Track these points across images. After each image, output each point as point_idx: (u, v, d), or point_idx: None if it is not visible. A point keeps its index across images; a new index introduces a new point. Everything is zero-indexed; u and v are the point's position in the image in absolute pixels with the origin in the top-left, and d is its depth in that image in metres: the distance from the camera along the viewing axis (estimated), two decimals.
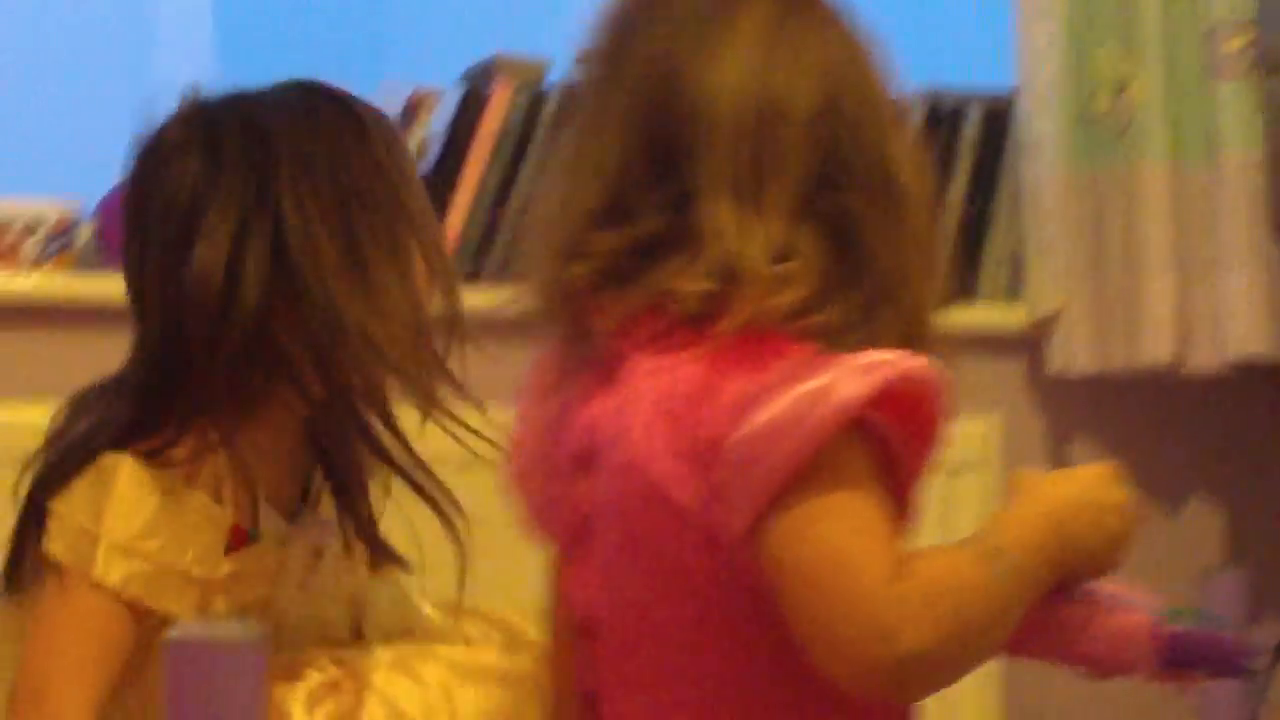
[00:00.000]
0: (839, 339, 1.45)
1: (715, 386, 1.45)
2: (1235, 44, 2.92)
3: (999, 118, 3.01)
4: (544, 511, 1.59)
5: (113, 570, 1.80)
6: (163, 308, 1.83)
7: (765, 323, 1.44)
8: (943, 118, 3.07)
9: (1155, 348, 2.88)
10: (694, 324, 1.45)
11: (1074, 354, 2.95)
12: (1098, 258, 2.96)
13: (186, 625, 1.36)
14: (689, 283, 1.43)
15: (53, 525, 1.83)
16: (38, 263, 2.71)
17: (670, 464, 1.45)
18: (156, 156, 1.88)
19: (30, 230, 2.68)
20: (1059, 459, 3.09)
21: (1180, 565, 2.85)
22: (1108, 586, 1.51)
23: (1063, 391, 3.07)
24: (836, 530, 1.43)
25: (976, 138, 3.05)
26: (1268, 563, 3.04)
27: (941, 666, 1.45)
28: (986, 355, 3.02)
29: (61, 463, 1.87)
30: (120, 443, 1.83)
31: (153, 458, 1.82)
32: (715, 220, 1.43)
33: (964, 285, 3.01)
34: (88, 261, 2.74)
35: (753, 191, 1.46)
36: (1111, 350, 2.94)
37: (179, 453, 1.81)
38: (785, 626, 1.42)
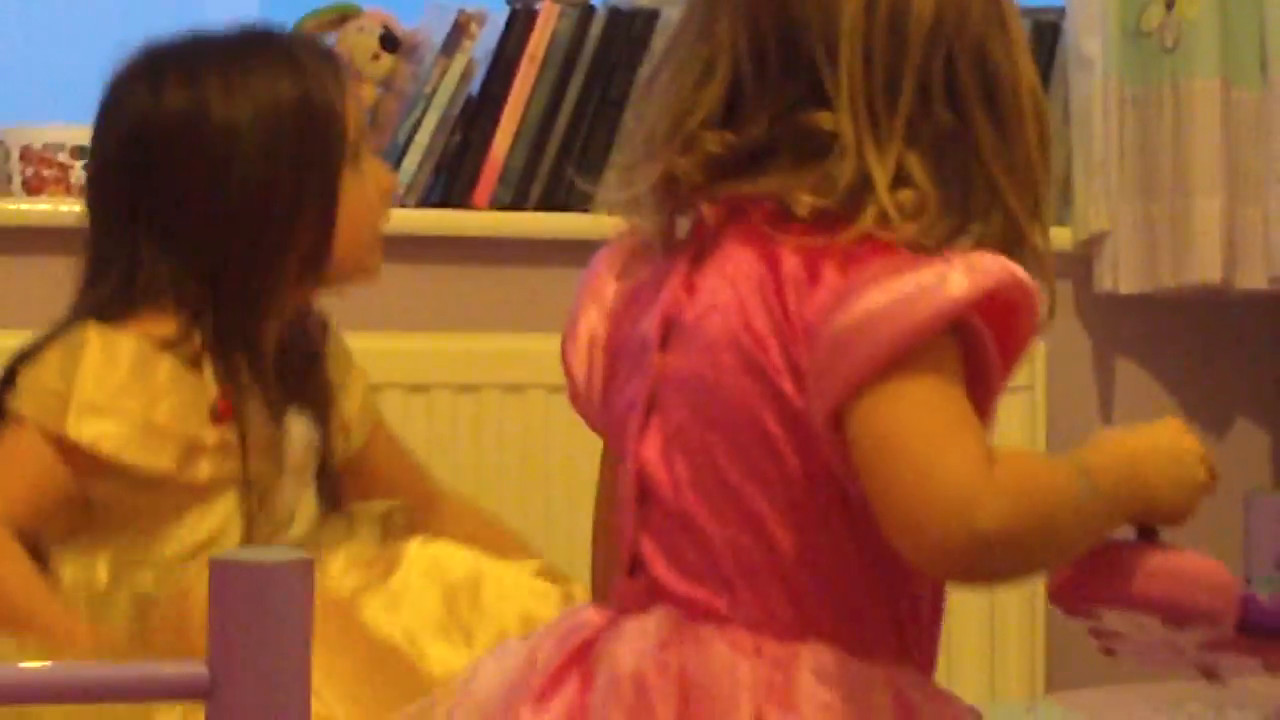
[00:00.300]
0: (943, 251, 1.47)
1: (818, 274, 1.46)
2: None
3: (1046, 33, 3.00)
4: (604, 391, 1.59)
5: (85, 428, 1.96)
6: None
7: (877, 240, 1.44)
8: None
9: (1204, 267, 2.87)
10: (805, 228, 1.45)
11: (1121, 273, 2.95)
12: (1146, 177, 2.96)
13: (234, 550, 1.40)
14: (807, 194, 1.42)
15: (22, 386, 1.98)
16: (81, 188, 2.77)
17: (766, 339, 1.46)
18: (113, 90, 2.12)
19: (75, 151, 2.74)
20: (1105, 379, 3.12)
21: (1224, 487, 2.97)
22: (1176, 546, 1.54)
23: (1110, 311, 3.07)
24: (931, 414, 1.45)
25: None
26: None
27: (1013, 552, 1.45)
28: (1032, 275, 3.02)
29: (38, 339, 2.02)
30: (90, 317, 2.01)
31: (120, 327, 1.99)
32: (841, 134, 1.42)
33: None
34: None
35: (879, 107, 1.45)
36: (1160, 270, 2.94)
37: (149, 327, 1.99)
38: (858, 508, 1.43)
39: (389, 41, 2.86)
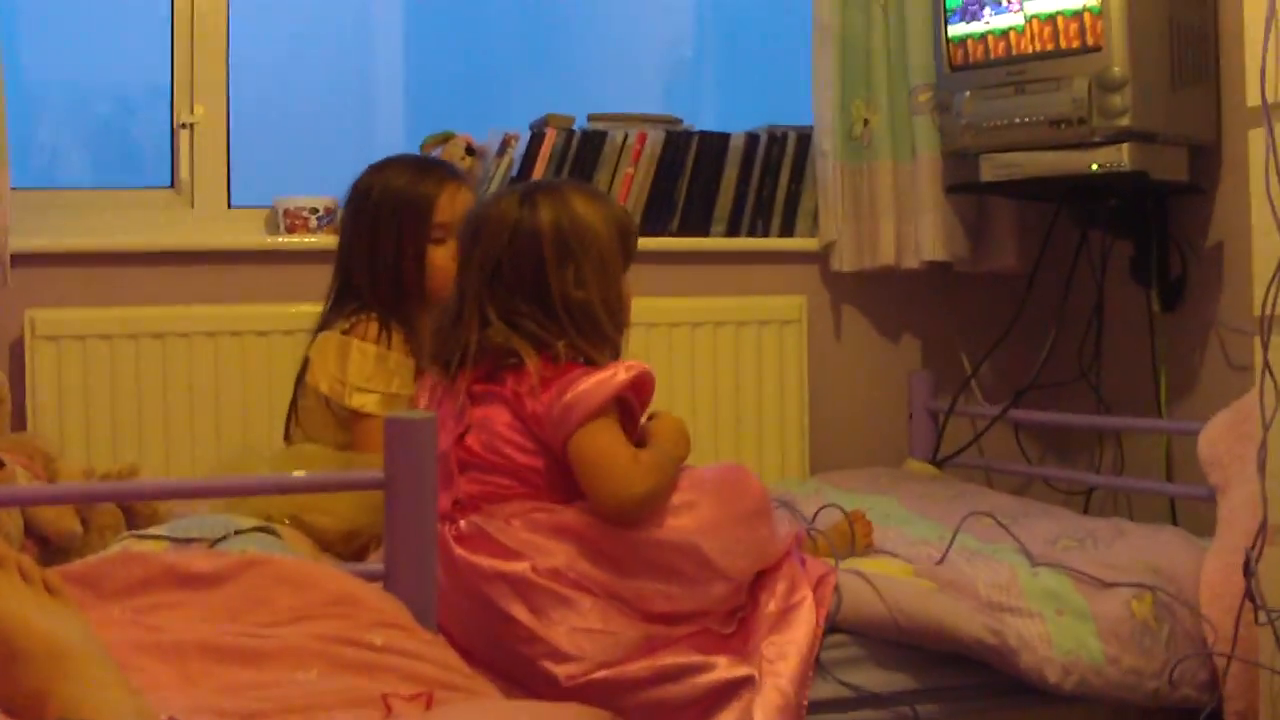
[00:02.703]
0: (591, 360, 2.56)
1: (544, 376, 2.52)
2: (924, 96, 4.08)
3: (805, 139, 4.30)
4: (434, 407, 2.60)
5: (355, 400, 3.10)
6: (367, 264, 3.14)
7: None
8: (775, 139, 4.29)
9: (884, 255, 4.21)
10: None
11: (843, 260, 4.25)
12: (856, 209, 4.24)
13: (400, 413, 2.29)
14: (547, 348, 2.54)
15: (319, 373, 3.12)
16: (315, 230, 3.99)
17: (527, 413, 2.53)
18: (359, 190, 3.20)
19: (314, 212, 3.98)
20: (837, 318, 4.39)
21: (892, 370, 4.42)
22: None
23: (838, 281, 4.36)
24: (606, 440, 2.50)
25: (794, 150, 4.31)
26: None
27: (652, 501, 2.53)
28: (799, 262, 4.33)
29: (317, 342, 3.14)
30: (349, 325, 3.12)
31: (359, 334, 3.09)
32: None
33: (788, 229, 4.31)
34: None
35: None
36: (863, 258, 4.24)
37: (373, 330, 3.09)
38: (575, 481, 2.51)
39: (470, 150, 4.10)
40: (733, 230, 4.34)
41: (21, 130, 4.29)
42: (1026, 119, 3.72)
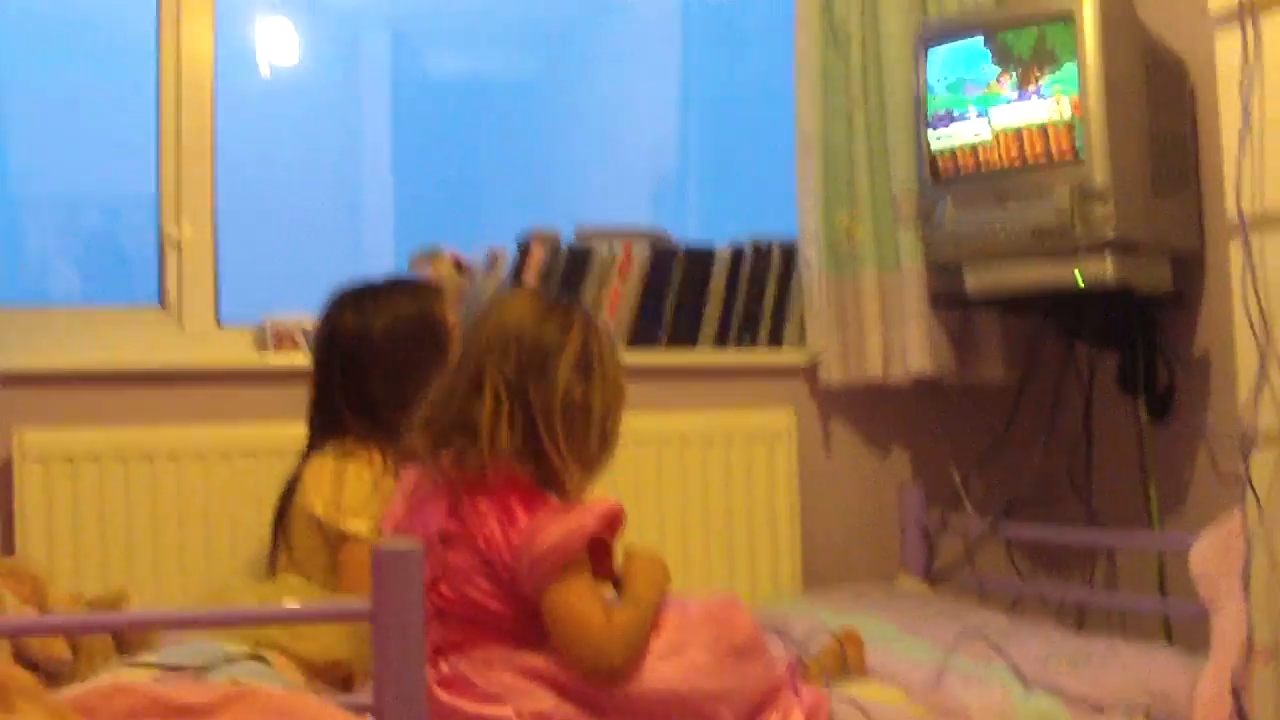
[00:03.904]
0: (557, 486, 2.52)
1: (513, 519, 2.48)
2: (907, 206, 4.08)
3: (791, 251, 4.30)
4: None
5: (350, 523, 3.07)
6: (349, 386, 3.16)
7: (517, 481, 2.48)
8: (761, 251, 4.29)
9: (872, 368, 4.17)
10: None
11: (831, 373, 4.23)
12: (842, 321, 4.21)
13: (386, 541, 2.31)
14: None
15: (313, 496, 3.09)
16: (304, 348, 3.87)
17: (495, 560, 2.47)
18: (324, 312, 3.23)
19: (303, 330, 3.93)
20: (826, 431, 4.37)
21: (882, 483, 4.39)
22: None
23: (827, 394, 4.34)
24: (579, 602, 2.45)
25: (779, 261, 4.31)
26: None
27: (628, 667, 2.46)
28: (787, 376, 4.31)
29: (310, 465, 3.12)
30: (344, 451, 3.12)
31: (348, 456, 3.11)
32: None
33: (776, 339, 4.30)
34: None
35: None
36: (850, 371, 4.22)
37: (377, 459, 3.10)
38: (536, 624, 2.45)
39: (458, 266, 4.08)
40: (720, 343, 4.34)
41: (9, 240, 4.41)
42: (1009, 230, 3.73)
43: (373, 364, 3.21)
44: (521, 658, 2.49)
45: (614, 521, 2.54)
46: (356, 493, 3.10)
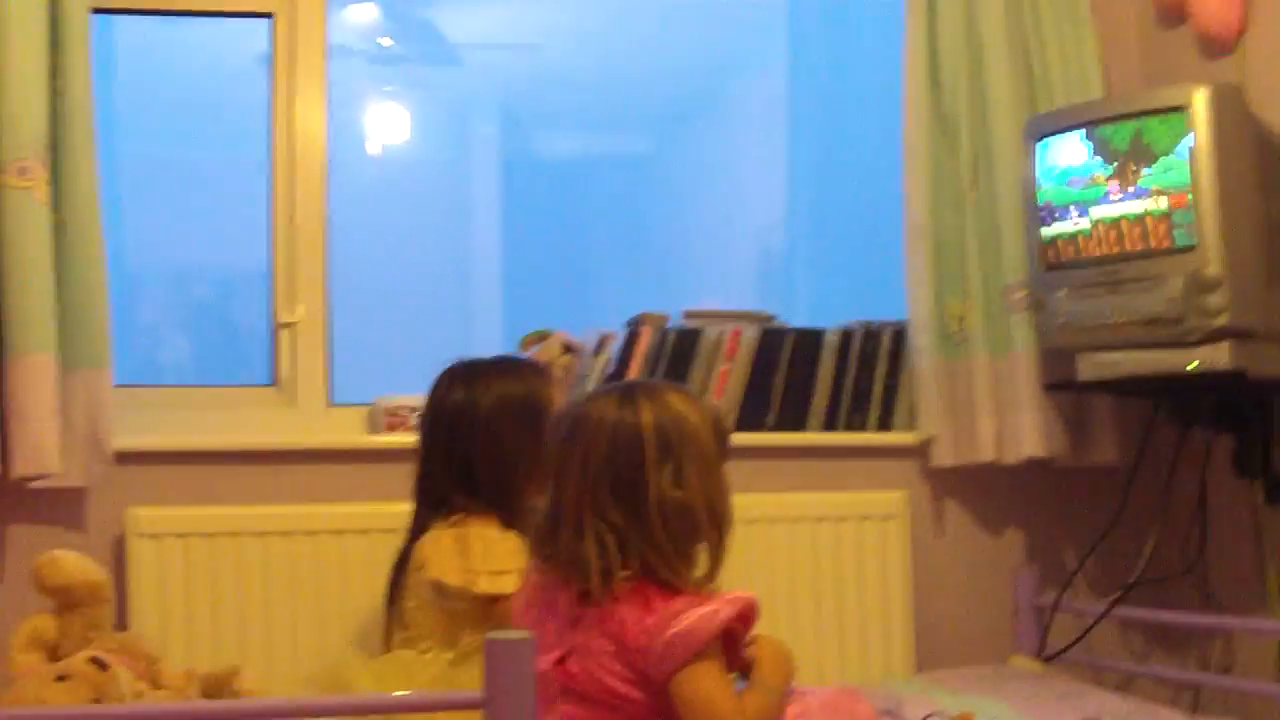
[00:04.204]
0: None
1: (648, 604, 2.46)
2: (1019, 295, 4.07)
3: (900, 333, 4.30)
4: (532, 632, 2.32)
5: (488, 585, 3.06)
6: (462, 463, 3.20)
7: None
8: (870, 334, 4.29)
9: (985, 451, 4.15)
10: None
11: (943, 455, 4.23)
12: (954, 405, 4.22)
13: (497, 632, 2.21)
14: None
15: (442, 568, 3.09)
16: (415, 429, 3.57)
17: (628, 644, 2.44)
18: (433, 388, 3.29)
19: (414, 410, 3.81)
20: (938, 511, 4.36)
21: (996, 566, 4.37)
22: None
23: (938, 475, 4.33)
24: (710, 686, 2.42)
25: (889, 344, 4.30)
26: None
27: None
28: (899, 457, 4.30)
29: (427, 540, 3.14)
30: (458, 520, 3.15)
31: (473, 520, 3.12)
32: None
33: (886, 422, 4.29)
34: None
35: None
36: (962, 453, 4.20)
37: (493, 523, 3.13)
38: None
39: (567, 349, 4.10)
40: (829, 426, 4.32)
41: (123, 314, 4.32)
42: (1122, 319, 3.70)
43: (476, 441, 3.23)
44: None
45: (748, 614, 2.51)
46: (487, 553, 3.12)
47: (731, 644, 2.52)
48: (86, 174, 3.66)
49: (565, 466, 2.57)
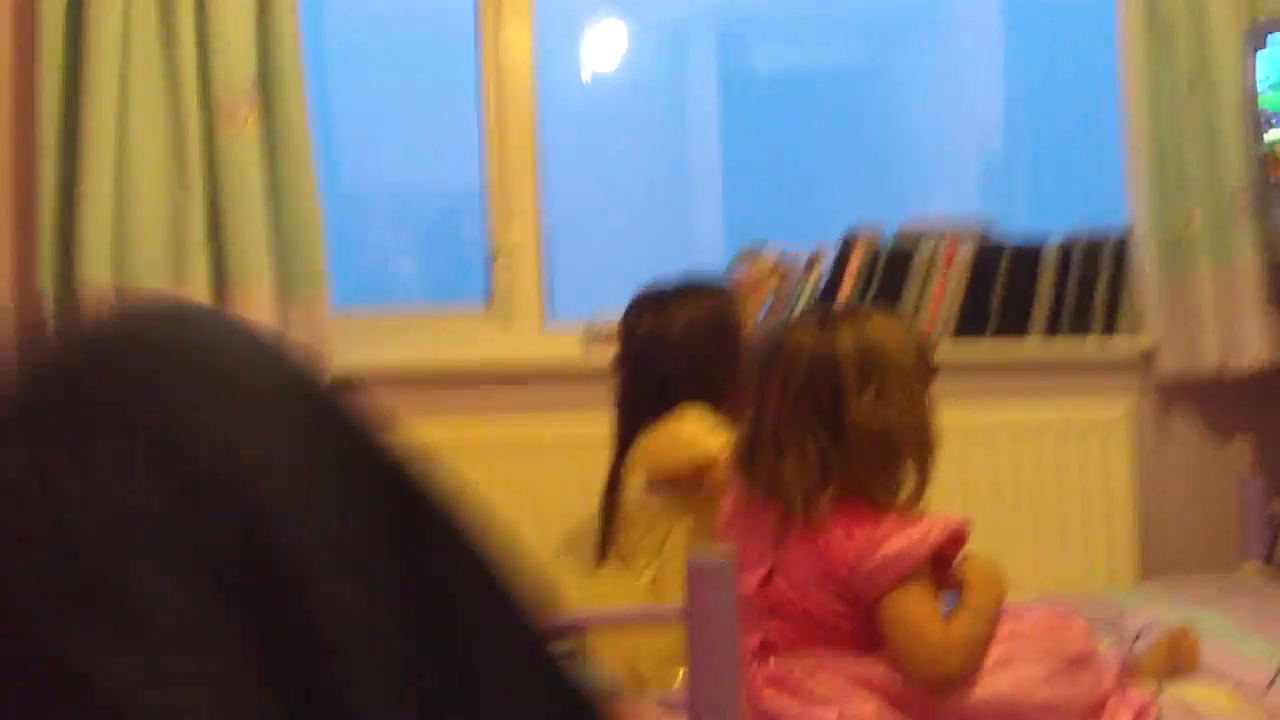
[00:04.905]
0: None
1: (859, 522, 2.43)
2: (1241, 199, 4.02)
3: (1122, 244, 4.24)
4: (736, 550, 2.31)
5: (687, 453, 3.06)
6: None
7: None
8: (1092, 246, 4.22)
9: (1209, 360, 4.11)
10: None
11: (1167, 364, 4.19)
12: (1178, 314, 4.17)
13: (699, 551, 2.14)
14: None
15: (658, 456, 3.12)
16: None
17: (835, 564, 2.42)
18: (625, 311, 3.35)
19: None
20: (1163, 421, 4.30)
21: (1221, 475, 4.34)
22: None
23: (1162, 385, 4.29)
24: (918, 610, 2.39)
25: (1111, 256, 4.23)
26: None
27: (960, 677, 2.40)
28: (1122, 367, 4.26)
29: (644, 442, 3.15)
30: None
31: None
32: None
33: (1108, 333, 4.22)
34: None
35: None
36: (1186, 362, 4.16)
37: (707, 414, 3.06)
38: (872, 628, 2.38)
39: (778, 265, 4.10)
40: (1051, 335, 4.28)
41: (345, 239, 4.43)
42: None
43: (673, 365, 3.23)
44: (851, 664, 2.44)
45: (959, 536, 2.47)
46: (693, 430, 3.11)
47: (942, 565, 2.50)
48: (297, 110, 3.74)
49: (765, 390, 2.55)
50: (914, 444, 2.52)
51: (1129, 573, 4.13)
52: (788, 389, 2.51)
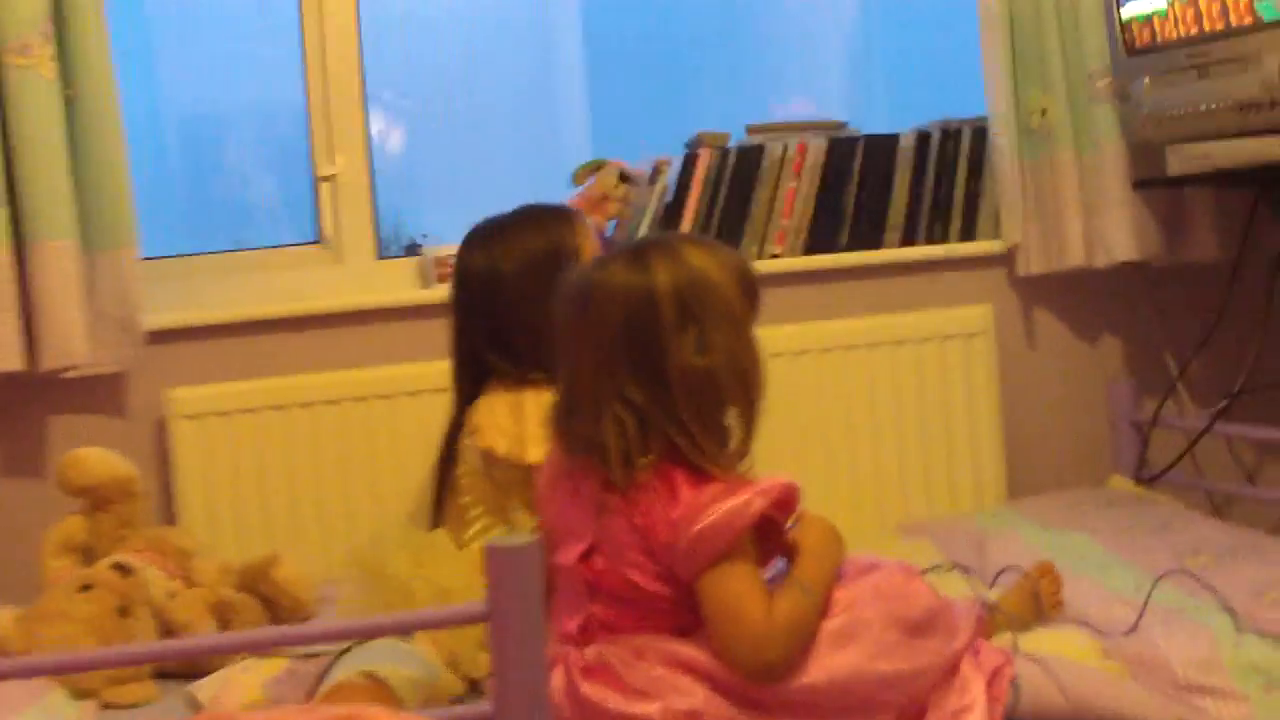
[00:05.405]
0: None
1: (674, 493, 2.24)
2: (1102, 82, 3.87)
3: (981, 133, 4.07)
4: (557, 519, 2.37)
5: (536, 453, 2.83)
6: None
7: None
8: (949, 133, 4.06)
9: (1074, 256, 3.95)
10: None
11: (1030, 263, 4.02)
12: (1040, 208, 4.00)
13: (499, 539, 1.97)
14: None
15: (492, 435, 2.96)
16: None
17: (654, 538, 2.24)
18: (459, 251, 3.14)
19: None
20: (1027, 324, 4.14)
21: (1089, 376, 4.17)
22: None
23: (1026, 285, 4.12)
24: (738, 589, 2.21)
25: (970, 146, 4.05)
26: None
27: (785, 663, 2.23)
28: (983, 268, 4.08)
29: (481, 405, 2.99)
30: (514, 384, 2.98)
31: (530, 386, 2.94)
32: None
33: (969, 232, 4.06)
34: None
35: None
36: (1050, 260, 4.00)
37: (546, 391, 2.65)
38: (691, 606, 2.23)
39: (623, 177, 3.95)
40: (908, 240, 4.10)
41: (155, 176, 4.26)
42: (1212, 105, 3.41)
43: (507, 306, 3.05)
44: (675, 647, 2.27)
45: (786, 501, 2.28)
46: (539, 420, 2.82)
47: (773, 531, 2.31)
48: (96, 44, 3.52)
49: (577, 342, 2.35)
50: (740, 387, 2.32)
51: (996, 492, 3.96)
52: (601, 338, 2.31)
